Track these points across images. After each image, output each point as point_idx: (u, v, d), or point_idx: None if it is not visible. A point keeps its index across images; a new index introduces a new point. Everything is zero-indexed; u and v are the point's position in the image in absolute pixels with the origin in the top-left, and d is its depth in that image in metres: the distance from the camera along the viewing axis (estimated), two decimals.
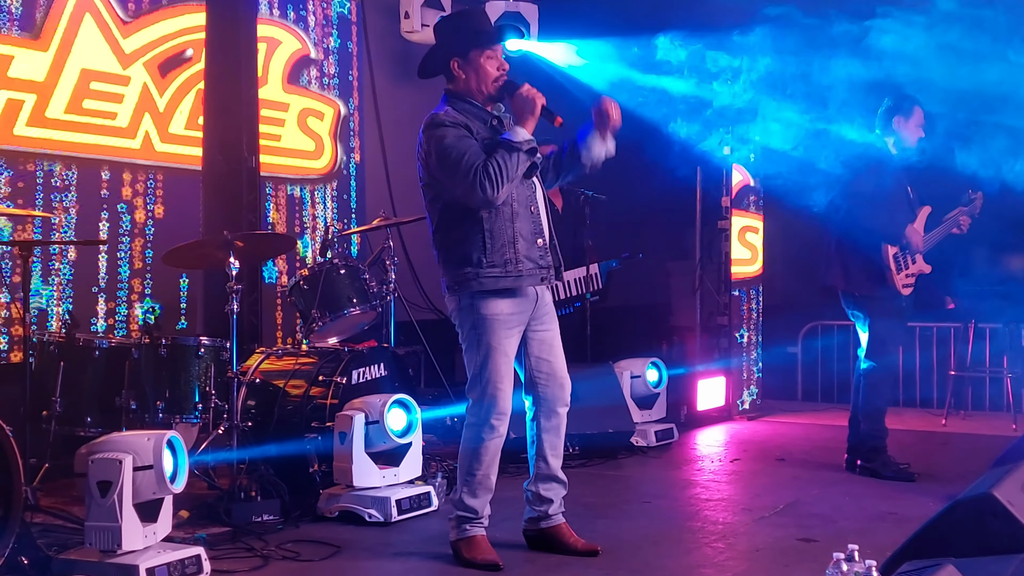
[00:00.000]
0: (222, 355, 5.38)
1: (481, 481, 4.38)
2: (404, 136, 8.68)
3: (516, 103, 4.28)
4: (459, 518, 4.41)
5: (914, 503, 5.38)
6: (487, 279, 4.25)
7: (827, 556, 3.18)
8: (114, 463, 3.95)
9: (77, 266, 6.44)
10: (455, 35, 4.42)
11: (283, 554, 4.53)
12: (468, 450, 4.40)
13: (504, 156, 4.15)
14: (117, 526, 3.93)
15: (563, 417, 4.52)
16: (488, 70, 4.34)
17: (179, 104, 7.05)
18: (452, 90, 4.43)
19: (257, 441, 5.32)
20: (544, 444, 4.50)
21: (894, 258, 6.07)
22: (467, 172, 4.14)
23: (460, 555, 4.38)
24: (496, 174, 4.12)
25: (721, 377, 8.57)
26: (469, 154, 4.17)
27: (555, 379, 4.48)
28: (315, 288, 5.91)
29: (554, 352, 4.49)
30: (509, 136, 4.21)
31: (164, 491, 4.06)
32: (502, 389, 4.31)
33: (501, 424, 4.36)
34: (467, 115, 4.32)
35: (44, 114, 6.32)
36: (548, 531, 4.51)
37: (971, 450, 6.94)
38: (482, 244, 4.25)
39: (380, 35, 8.53)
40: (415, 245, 8.26)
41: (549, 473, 4.51)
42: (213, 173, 6.55)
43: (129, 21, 6.79)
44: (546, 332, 4.48)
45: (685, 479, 6.31)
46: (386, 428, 5.13)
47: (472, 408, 4.38)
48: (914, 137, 6.14)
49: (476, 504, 4.39)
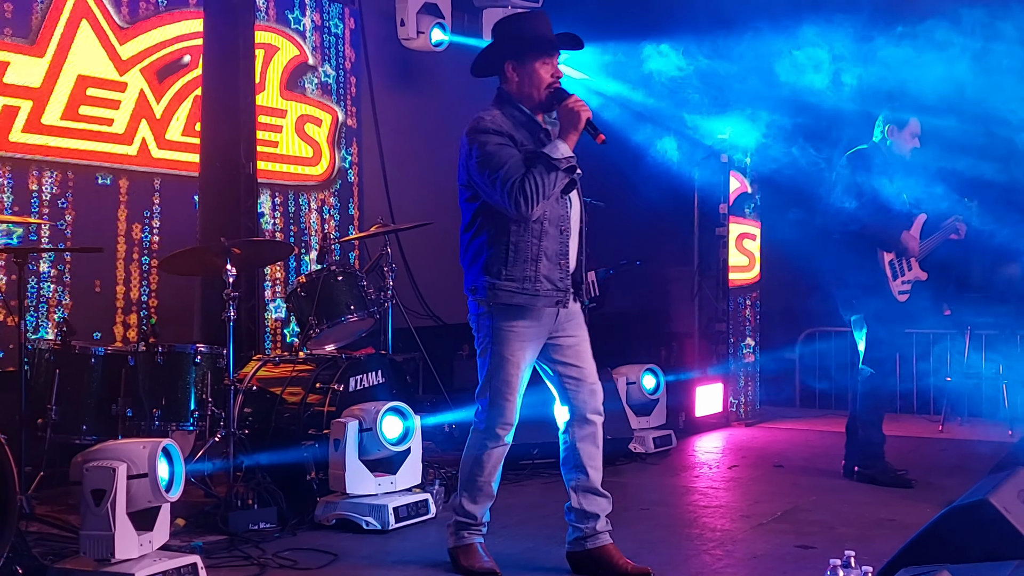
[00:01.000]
0: (219, 362, 5.37)
1: (482, 487, 4.34)
2: (402, 142, 8.71)
3: (562, 113, 4.18)
4: (458, 524, 4.38)
5: (911, 509, 5.37)
6: (503, 292, 4.18)
7: (825, 563, 3.18)
8: (108, 471, 3.94)
9: (73, 273, 6.43)
10: (513, 37, 4.32)
11: (280, 562, 4.52)
12: (471, 456, 4.35)
13: (542, 173, 4.05)
14: (111, 534, 3.91)
15: (598, 427, 4.38)
16: (542, 76, 4.23)
17: (176, 111, 7.06)
18: (504, 92, 4.34)
19: (254, 449, 5.31)
20: (581, 455, 4.34)
21: (890, 265, 6.09)
22: (504, 185, 4.05)
23: (458, 562, 4.36)
24: (532, 191, 4.03)
25: (719, 383, 8.56)
26: (508, 166, 4.08)
27: (584, 385, 4.35)
28: (313, 295, 5.90)
29: (581, 358, 4.38)
30: (549, 151, 4.10)
31: (159, 499, 4.05)
32: (509, 399, 4.26)
33: (506, 433, 4.31)
34: (514, 122, 4.23)
35: (40, 120, 6.32)
36: (595, 552, 4.32)
37: (968, 456, 6.93)
38: (504, 256, 4.17)
39: (379, 42, 8.54)
40: (413, 252, 8.26)
41: (590, 486, 4.34)
42: (210, 180, 6.54)
43: (126, 27, 6.79)
44: (571, 338, 4.36)
45: (683, 486, 6.30)
46: (379, 436, 5.11)
47: (479, 415, 4.34)
48: (909, 146, 6.17)
49: (476, 510, 4.35)
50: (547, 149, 4.12)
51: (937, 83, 6.33)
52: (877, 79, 6.80)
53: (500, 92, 4.35)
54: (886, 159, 6.15)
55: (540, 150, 4.13)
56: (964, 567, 2.85)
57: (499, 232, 4.19)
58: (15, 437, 4.52)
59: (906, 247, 6.08)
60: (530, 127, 4.27)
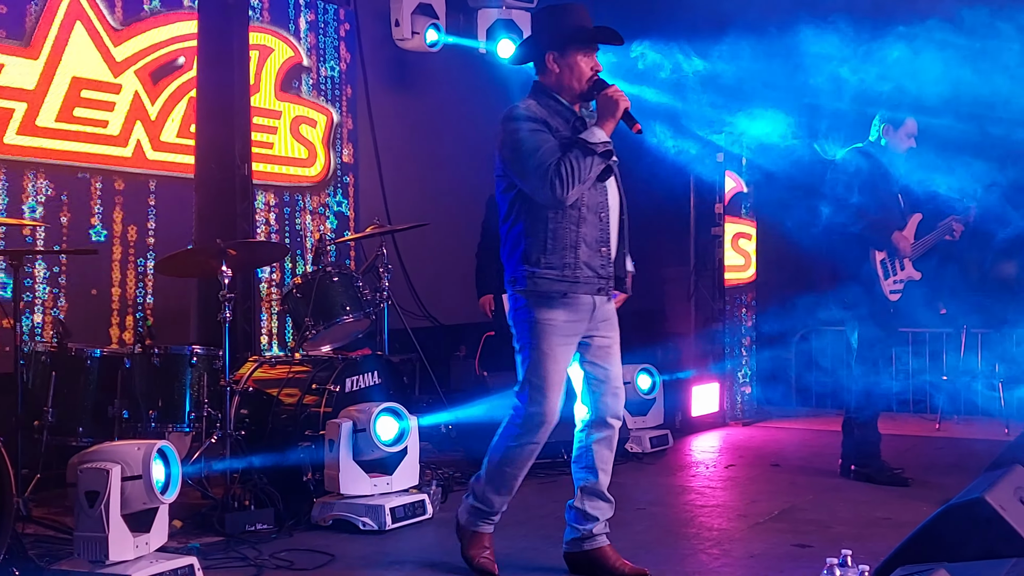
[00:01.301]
0: (215, 364, 5.37)
1: (507, 481, 4.29)
2: (398, 143, 8.70)
3: (601, 102, 4.18)
4: (473, 509, 4.34)
5: (908, 508, 5.38)
6: (542, 280, 4.14)
7: (822, 562, 3.18)
8: (102, 473, 3.94)
9: (68, 275, 6.43)
10: (555, 29, 4.28)
11: (277, 563, 4.52)
12: (504, 448, 4.28)
13: (578, 156, 4.04)
14: (104, 536, 3.91)
15: (615, 431, 4.36)
16: (583, 68, 4.22)
17: (171, 112, 7.05)
18: (541, 83, 4.31)
19: (251, 450, 5.31)
20: (595, 457, 4.32)
21: (881, 264, 6.09)
22: (538, 168, 4.05)
23: (463, 543, 4.36)
24: (568, 174, 4.01)
25: (715, 383, 8.57)
26: (543, 150, 4.07)
27: (609, 388, 4.32)
28: (308, 296, 5.90)
29: (610, 360, 4.34)
30: (586, 136, 4.10)
31: (154, 501, 4.04)
32: (549, 397, 4.19)
33: (542, 432, 4.22)
34: (549, 111, 4.21)
35: (35, 122, 6.31)
36: (593, 553, 4.32)
37: (964, 455, 6.94)
38: (543, 244, 4.14)
39: (374, 42, 8.54)
40: (409, 253, 8.26)
41: (597, 489, 4.33)
42: (206, 181, 6.53)
43: (120, 29, 6.78)
44: (604, 339, 4.33)
45: (680, 485, 6.30)
46: (373, 436, 5.10)
47: (518, 410, 4.26)
48: (904, 146, 6.17)
49: (496, 501, 4.31)
50: (584, 135, 4.11)
51: (936, 83, 6.34)
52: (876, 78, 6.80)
53: (537, 84, 4.33)
54: (882, 158, 6.16)
55: (576, 136, 4.12)
56: (960, 565, 2.85)
57: (536, 220, 4.16)
58: (12, 439, 4.52)
59: (897, 246, 6.10)
60: (566, 116, 4.24)
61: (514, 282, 4.24)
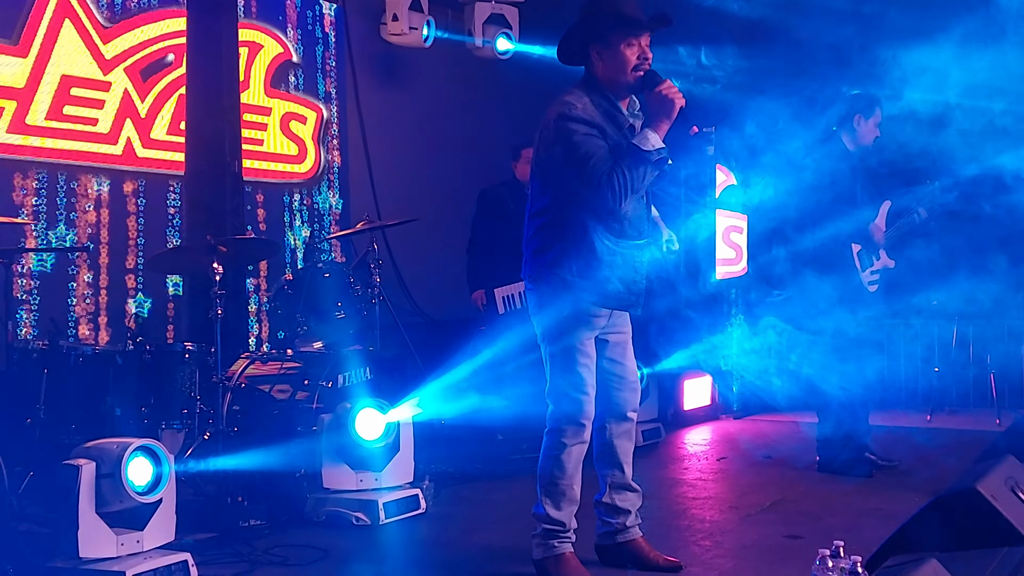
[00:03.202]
0: (207, 360, 5.36)
1: (564, 491, 4.09)
2: (387, 139, 8.69)
3: (653, 100, 3.93)
4: (546, 532, 4.11)
5: (899, 499, 5.39)
6: (572, 291, 4.03)
7: (813, 553, 3.19)
8: (74, 469, 3.94)
9: (59, 273, 6.41)
10: (595, 17, 4.02)
11: (270, 559, 4.51)
12: (550, 458, 4.11)
13: (631, 167, 3.85)
14: (75, 532, 3.91)
15: (634, 423, 4.33)
16: (628, 58, 3.96)
17: (161, 109, 7.04)
18: (589, 77, 4.08)
19: (243, 446, 5.30)
20: (618, 451, 4.28)
21: (858, 256, 6.09)
22: (592, 178, 3.87)
23: (547, 574, 4.10)
24: (620, 186, 3.85)
25: (707, 376, 8.58)
26: (595, 159, 3.89)
27: (627, 383, 4.28)
28: (300, 292, 5.89)
29: (627, 355, 4.31)
30: (639, 143, 3.88)
31: (127, 500, 4.01)
32: (586, 392, 4.09)
33: (585, 430, 4.11)
34: (601, 112, 3.99)
35: (24, 120, 6.30)
36: (627, 545, 4.28)
37: (956, 446, 6.96)
38: (577, 253, 4.01)
39: (362, 38, 8.53)
40: (400, 248, 8.26)
41: (624, 482, 4.30)
42: (196, 178, 6.53)
43: (109, 27, 6.77)
44: (620, 335, 4.28)
45: (672, 478, 6.31)
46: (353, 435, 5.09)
47: (554, 413, 4.12)
48: (871, 136, 6.12)
49: (562, 517, 4.10)
50: (637, 139, 3.89)
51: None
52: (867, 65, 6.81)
53: (587, 76, 4.10)
54: (848, 151, 6.11)
55: (630, 141, 3.92)
56: (952, 555, 2.86)
57: (573, 226, 4.01)
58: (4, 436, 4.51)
59: (872, 237, 6.11)
60: (618, 121, 4.04)
61: (538, 283, 4.12)
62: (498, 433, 6.75)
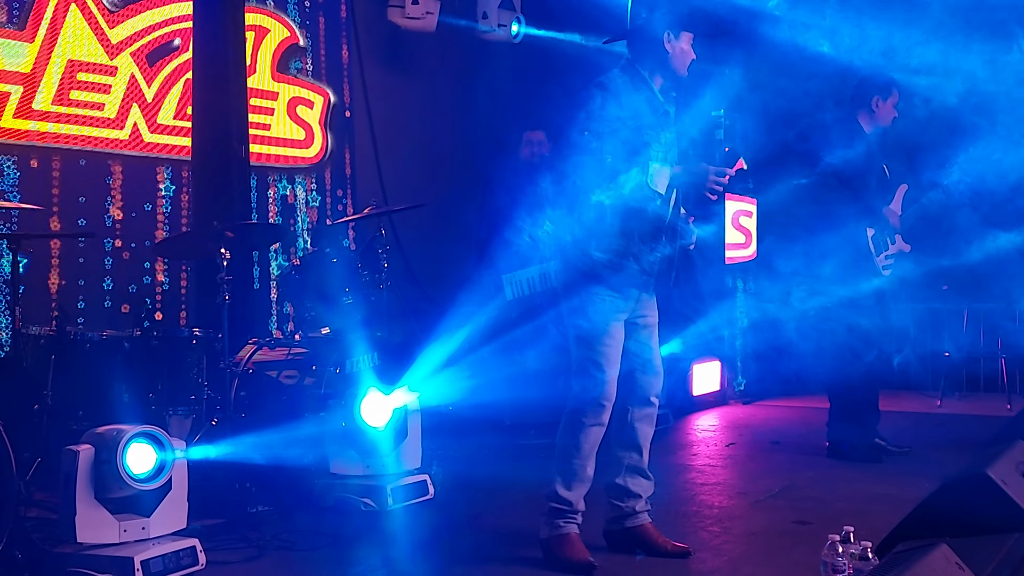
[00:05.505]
0: (215, 346, 5.35)
1: (577, 471, 4.14)
2: (394, 123, 8.66)
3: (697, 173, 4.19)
4: (552, 511, 4.16)
5: (909, 484, 5.37)
6: (591, 263, 4.10)
7: (823, 538, 3.18)
8: (72, 455, 3.94)
9: (66, 258, 6.41)
10: (671, 8, 4.17)
11: (278, 544, 4.52)
12: (566, 437, 4.17)
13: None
14: (72, 517, 3.91)
15: (655, 408, 4.37)
16: (688, 53, 4.18)
17: (168, 94, 7.02)
18: (636, 67, 4.19)
19: (251, 432, 5.30)
20: (637, 435, 4.32)
21: (873, 240, 6.06)
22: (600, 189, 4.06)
23: (551, 553, 4.13)
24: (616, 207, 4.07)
25: (716, 362, 8.57)
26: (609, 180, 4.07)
27: (652, 367, 4.32)
28: (307, 278, 5.88)
29: (653, 340, 4.34)
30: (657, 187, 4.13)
31: (126, 487, 4.00)
32: (609, 374, 4.13)
33: (604, 412, 4.16)
34: (643, 97, 4.13)
35: (31, 106, 6.29)
36: (635, 530, 4.31)
37: (966, 431, 6.95)
38: (598, 227, 4.08)
39: (369, 22, 8.48)
40: (407, 234, 8.23)
41: (639, 466, 4.33)
42: (203, 163, 6.50)
43: (115, 11, 6.75)
44: (647, 319, 4.32)
45: (681, 464, 6.30)
46: (358, 423, 5.09)
47: (576, 394, 4.18)
48: (889, 118, 6.10)
49: (571, 496, 4.14)
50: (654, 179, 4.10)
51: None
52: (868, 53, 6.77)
53: (630, 65, 4.21)
54: (866, 133, 6.08)
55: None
56: (962, 540, 2.84)
57: (594, 202, 4.06)
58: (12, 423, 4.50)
59: (888, 222, 6.07)
60: (652, 101, 4.16)
61: (567, 260, 4.18)
62: (505, 419, 6.75)
